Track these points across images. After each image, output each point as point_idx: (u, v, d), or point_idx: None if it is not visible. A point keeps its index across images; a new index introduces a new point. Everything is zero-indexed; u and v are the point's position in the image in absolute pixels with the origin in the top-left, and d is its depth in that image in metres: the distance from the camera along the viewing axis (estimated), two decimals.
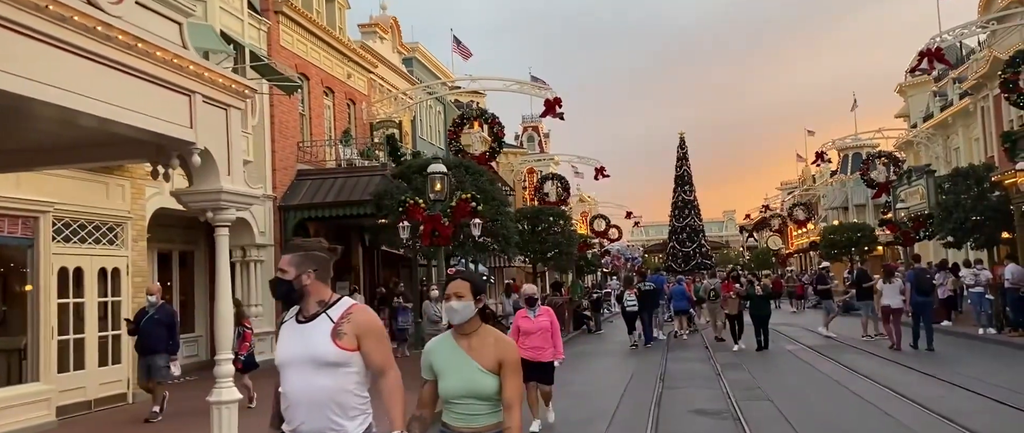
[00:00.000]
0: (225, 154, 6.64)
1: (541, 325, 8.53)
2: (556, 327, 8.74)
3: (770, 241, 55.37)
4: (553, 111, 21.97)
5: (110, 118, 5.31)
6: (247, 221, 16.73)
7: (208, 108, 6.40)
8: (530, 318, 8.59)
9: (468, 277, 3.46)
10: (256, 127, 17.27)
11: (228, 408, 6.60)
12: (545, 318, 8.60)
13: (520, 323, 8.59)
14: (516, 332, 8.43)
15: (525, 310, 8.69)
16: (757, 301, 16.80)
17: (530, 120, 54.05)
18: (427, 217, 12.89)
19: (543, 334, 8.52)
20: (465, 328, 3.40)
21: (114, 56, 5.24)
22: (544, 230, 24.24)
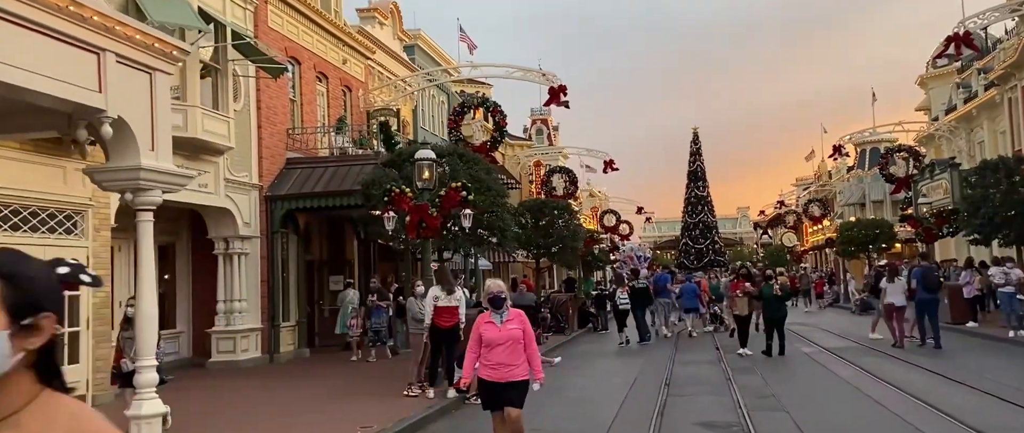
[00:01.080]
0: (148, 126, 5.70)
1: (510, 334, 6.40)
2: (530, 336, 6.59)
3: (785, 238, 54.07)
4: (557, 99, 20.96)
5: None
6: (230, 211, 15.84)
7: (124, 70, 5.46)
8: (496, 325, 6.46)
9: None
10: (241, 112, 16.36)
11: (149, 424, 5.64)
12: (515, 325, 6.49)
13: (482, 331, 6.51)
14: (476, 342, 6.50)
15: (488, 313, 6.56)
16: (772, 302, 15.07)
17: (539, 113, 53.02)
18: (413, 207, 11.91)
19: (513, 346, 6.41)
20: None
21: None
22: (548, 224, 23.20)
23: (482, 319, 6.61)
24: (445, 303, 10.85)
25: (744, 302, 15.63)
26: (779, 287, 15.30)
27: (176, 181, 6.31)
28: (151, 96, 5.83)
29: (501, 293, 6.60)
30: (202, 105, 14.09)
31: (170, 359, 16.19)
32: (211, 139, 14.20)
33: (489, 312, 6.62)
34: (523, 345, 6.50)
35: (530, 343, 6.58)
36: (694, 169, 64.41)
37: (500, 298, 6.59)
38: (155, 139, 5.82)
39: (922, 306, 15.87)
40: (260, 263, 16.78)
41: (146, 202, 5.93)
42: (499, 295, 6.59)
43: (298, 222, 18.30)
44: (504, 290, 6.70)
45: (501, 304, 6.58)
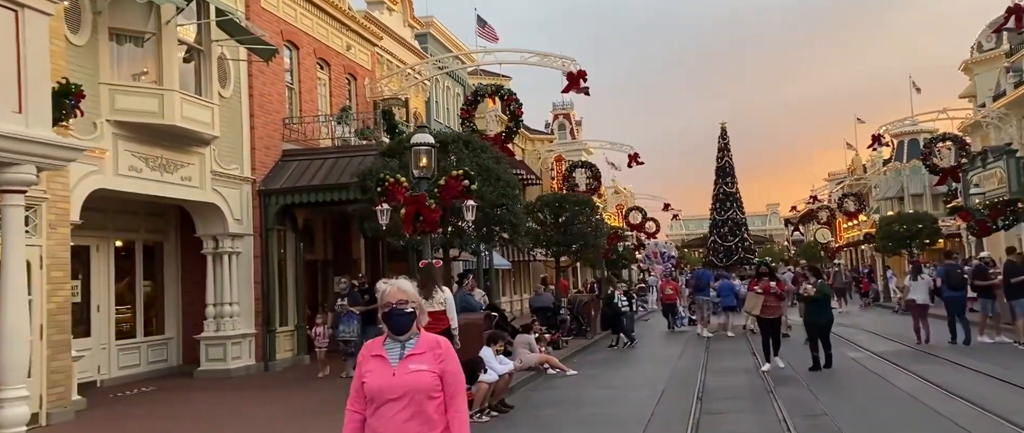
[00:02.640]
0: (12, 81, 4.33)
1: (413, 382, 3.37)
2: (454, 386, 3.47)
3: (818, 234, 51.93)
4: (577, 85, 19.43)
5: None
6: (219, 207, 14.58)
7: None
8: (388, 364, 3.42)
9: None
10: (231, 98, 15.10)
11: None
12: (426, 365, 3.41)
13: (366, 374, 3.44)
14: (357, 393, 3.47)
15: (381, 342, 3.50)
16: (813, 304, 12.85)
17: (561, 107, 51.46)
18: (409, 198, 10.53)
19: (416, 406, 3.33)
20: None
21: None
22: (568, 220, 21.71)
23: (368, 352, 3.51)
24: (425, 308, 9.43)
25: (757, 301, 12.92)
26: (812, 286, 13.01)
27: (56, 154, 5.01)
28: (17, 41, 4.48)
29: (403, 304, 3.42)
30: (182, 90, 12.82)
31: (158, 367, 15.05)
32: (192, 127, 12.94)
33: (384, 338, 3.49)
34: (438, 402, 3.40)
35: (454, 399, 3.44)
36: (722, 165, 62.64)
37: (402, 314, 3.42)
38: (24, 98, 4.48)
39: (948, 304, 16.06)
40: (253, 263, 15.51)
41: (12, 181, 4.58)
42: (399, 308, 3.41)
43: (296, 219, 17.02)
44: (410, 297, 3.47)
45: (402, 325, 3.43)
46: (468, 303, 12.88)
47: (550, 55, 20.64)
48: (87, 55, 11.68)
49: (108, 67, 11.99)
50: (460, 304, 12.74)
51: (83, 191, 11.34)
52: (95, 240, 13.65)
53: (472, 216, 10.81)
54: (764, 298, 12.72)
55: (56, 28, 10.27)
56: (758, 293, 12.89)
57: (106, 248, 13.90)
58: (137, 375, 14.31)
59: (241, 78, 15.49)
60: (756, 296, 12.93)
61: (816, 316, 12.90)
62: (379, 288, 3.53)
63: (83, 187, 11.34)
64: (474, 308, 12.90)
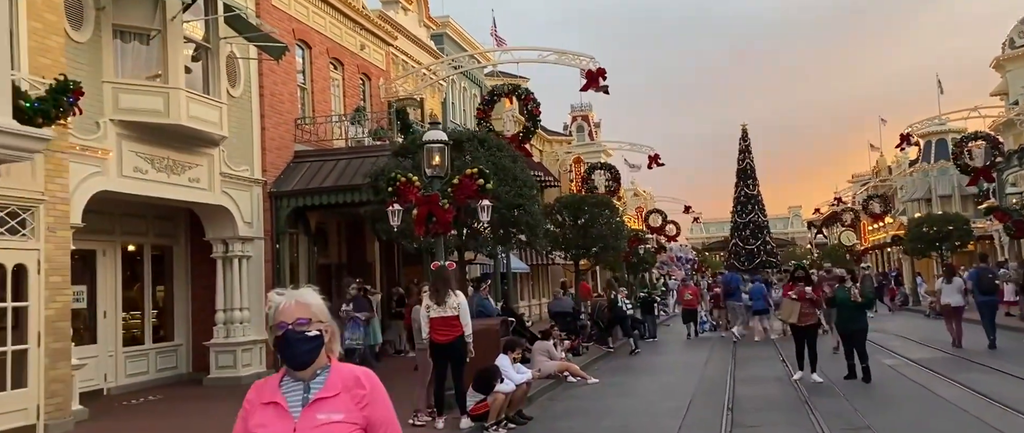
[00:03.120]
0: None
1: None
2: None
3: (843, 237, 50.85)
4: (595, 83, 18.86)
5: None
6: (228, 210, 14.16)
7: None
8: (285, 411, 2.37)
9: None
10: (240, 98, 14.70)
11: None
12: (340, 413, 2.36)
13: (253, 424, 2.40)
14: None
15: (276, 380, 2.45)
16: (849, 311, 11.81)
17: (579, 109, 50.93)
18: (422, 198, 10.02)
19: None
20: None
21: None
22: (587, 222, 21.11)
23: (258, 396, 2.46)
24: (438, 313, 8.93)
25: (793, 308, 11.83)
26: (857, 290, 12.10)
27: (16, 144, 4.48)
28: None
29: (304, 326, 2.41)
30: (189, 88, 12.42)
31: (167, 375, 14.66)
32: (199, 127, 12.52)
33: (281, 376, 2.46)
34: None
35: None
36: (743, 167, 61.43)
37: (301, 340, 2.39)
38: None
39: (980, 309, 16.16)
40: (264, 267, 15.08)
41: None
42: (297, 331, 2.40)
43: (309, 222, 16.60)
44: (315, 314, 2.46)
45: (302, 355, 2.39)
46: (484, 308, 12.36)
47: (568, 53, 20.08)
48: (90, 52, 11.30)
49: (112, 65, 11.61)
50: (475, 309, 12.24)
51: (85, 193, 10.95)
52: (101, 244, 13.27)
53: (487, 217, 10.27)
54: (800, 304, 11.72)
55: (55, 23, 9.91)
56: (793, 299, 11.85)
57: (113, 252, 13.52)
58: (145, 383, 13.92)
59: (251, 77, 15.09)
60: (792, 303, 11.87)
61: (850, 323, 11.92)
62: (272, 301, 2.49)
63: (85, 189, 10.95)
64: (490, 313, 12.37)
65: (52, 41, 9.78)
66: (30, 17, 9.47)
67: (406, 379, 11.82)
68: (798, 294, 11.85)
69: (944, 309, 16.74)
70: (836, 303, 12.32)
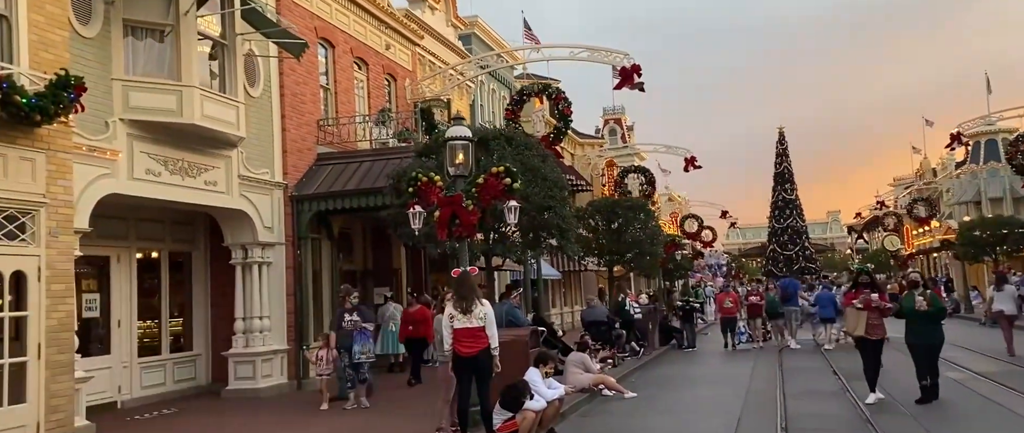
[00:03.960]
0: None
1: None
2: None
3: (887, 241, 49.06)
4: (630, 81, 18.02)
5: None
6: (247, 214, 13.60)
7: None
8: None
9: None
10: (260, 98, 14.15)
11: None
12: None
13: None
14: None
15: None
16: (922, 322, 10.15)
17: (611, 112, 49.95)
18: (444, 199, 9.29)
19: None
20: None
21: None
22: (621, 227, 20.25)
23: None
24: (462, 324, 8.18)
25: (859, 319, 10.29)
26: (927, 299, 10.24)
27: None
28: None
29: None
30: (204, 87, 11.87)
31: (184, 386, 14.12)
32: (215, 127, 11.96)
33: None
34: None
35: None
36: (781, 170, 60.02)
37: None
38: None
39: None
40: (286, 274, 14.49)
41: None
42: None
43: (332, 226, 15.99)
44: None
45: None
46: (515, 317, 11.59)
47: (601, 50, 19.26)
48: (98, 49, 10.80)
49: (122, 62, 11.09)
50: (505, 318, 11.48)
51: (93, 196, 10.43)
52: (115, 250, 12.79)
53: (515, 219, 9.50)
54: (867, 315, 10.18)
55: (59, 16, 9.39)
56: (858, 308, 10.25)
57: (127, 258, 13.02)
58: (162, 395, 13.39)
59: (271, 76, 14.53)
60: (857, 313, 10.29)
61: (923, 336, 10.21)
62: None
63: (93, 192, 10.42)
64: (520, 323, 11.59)
65: (55, 35, 9.26)
66: (31, 9, 8.96)
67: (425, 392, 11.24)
68: (864, 303, 10.23)
69: (997, 316, 16.49)
70: (903, 313, 10.45)
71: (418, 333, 14.16)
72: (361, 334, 11.26)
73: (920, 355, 10.32)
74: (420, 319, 14.11)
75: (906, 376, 11.04)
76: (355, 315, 11.39)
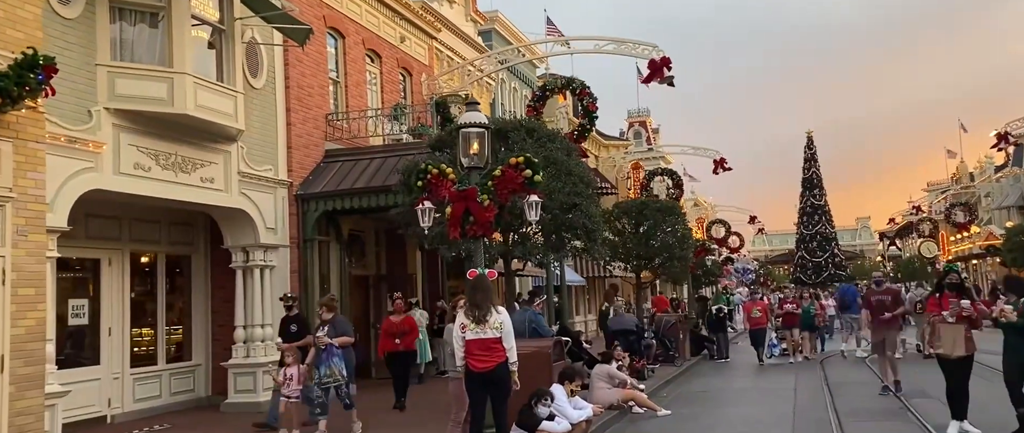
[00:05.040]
0: None
1: None
2: None
3: (924, 247, 47.21)
4: (660, 74, 16.83)
5: None
6: (248, 214, 12.63)
7: None
8: None
9: None
10: (263, 89, 13.21)
11: None
12: None
13: None
14: None
15: None
16: (1014, 336, 8.06)
17: (636, 115, 48.80)
18: (457, 193, 8.23)
19: None
20: None
21: None
22: (649, 230, 19.06)
23: None
24: (475, 334, 7.09)
25: (956, 335, 8.33)
26: (1012, 307, 8.01)
27: None
28: None
29: None
30: (200, 75, 10.93)
31: (182, 399, 13.17)
32: (210, 118, 11.02)
33: None
34: None
35: None
36: (809, 176, 58.26)
37: None
38: None
39: None
40: (290, 278, 13.52)
41: None
42: None
43: (341, 227, 15.00)
44: None
45: None
46: (539, 326, 10.48)
47: (628, 42, 18.12)
48: (81, 31, 9.90)
49: (107, 46, 10.18)
50: (528, 328, 10.39)
51: (73, 192, 9.51)
52: (106, 252, 11.88)
53: (536, 216, 8.40)
54: (958, 329, 8.19)
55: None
56: (949, 321, 8.20)
57: (120, 261, 12.11)
58: (157, 409, 12.45)
59: (276, 67, 13.59)
60: (953, 328, 8.22)
61: (1019, 352, 8.04)
62: None
63: (73, 187, 9.50)
64: (545, 334, 10.47)
65: (26, 11, 8.34)
66: None
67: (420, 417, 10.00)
68: (956, 314, 8.23)
69: None
70: (1000, 324, 8.29)
71: (405, 346, 12.09)
72: (327, 352, 9.38)
73: (1015, 375, 8.11)
74: (406, 329, 12.09)
75: (990, 400, 9.59)
76: (324, 329, 9.55)
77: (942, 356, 8.52)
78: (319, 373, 9.39)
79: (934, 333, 8.65)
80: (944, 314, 8.41)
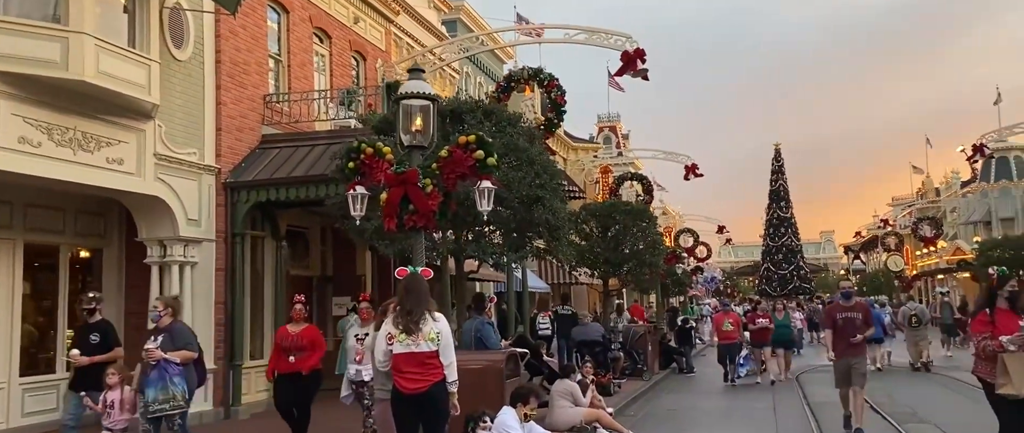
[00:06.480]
0: None
1: None
2: None
3: (890, 261, 46.91)
4: (634, 66, 15.66)
5: None
6: (165, 202, 11.07)
7: None
8: None
9: None
10: (189, 62, 11.67)
11: None
12: None
13: None
14: None
15: None
16: None
17: (606, 119, 47.85)
18: (394, 177, 6.85)
19: None
20: None
21: None
22: (619, 234, 17.84)
23: None
24: (405, 348, 5.73)
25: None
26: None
27: None
28: None
29: None
30: (104, 38, 9.39)
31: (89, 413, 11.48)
32: (116, 88, 9.49)
33: None
34: None
35: None
36: (776, 188, 58.10)
37: None
38: None
39: None
40: (215, 277, 11.97)
41: None
42: None
43: (277, 221, 13.48)
44: None
45: None
46: (485, 337, 9.11)
47: (600, 32, 16.91)
48: None
49: None
50: (473, 339, 9.01)
51: None
52: None
53: (488, 205, 7.03)
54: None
55: None
56: (1012, 350, 6.11)
57: (9, 254, 10.45)
58: (51, 424, 10.76)
59: (205, 38, 12.05)
60: (1019, 358, 6.11)
61: None
62: None
63: None
64: (490, 345, 9.09)
65: None
66: None
67: None
68: (1020, 343, 6.14)
69: None
70: None
71: (304, 365, 8.69)
72: (159, 371, 7.24)
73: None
74: (303, 345, 8.73)
75: None
76: (158, 338, 7.39)
77: (1010, 396, 6.20)
78: (146, 398, 7.15)
79: (988, 363, 6.41)
80: (1004, 340, 6.19)
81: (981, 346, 6.41)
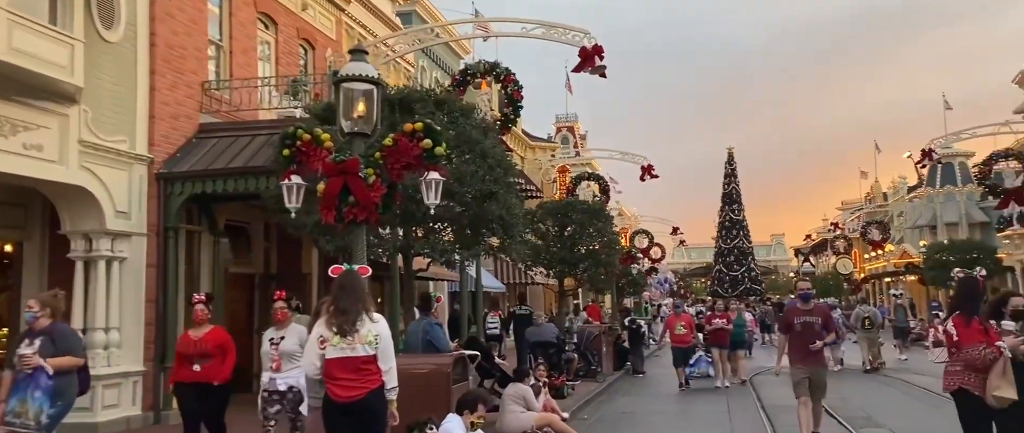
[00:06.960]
0: None
1: None
2: None
3: (840, 264, 47.66)
4: (592, 62, 15.28)
5: None
6: (91, 193, 10.31)
7: None
8: None
9: None
10: (121, 44, 10.91)
11: None
12: None
13: None
14: None
15: None
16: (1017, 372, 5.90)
17: (564, 119, 47.64)
18: (332, 166, 6.32)
19: None
20: None
21: None
22: (575, 233, 17.52)
23: None
24: (339, 352, 5.23)
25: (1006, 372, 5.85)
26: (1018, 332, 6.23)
27: None
28: None
29: None
30: (20, 12, 8.63)
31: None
32: (33, 67, 8.74)
33: None
34: None
35: None
36: (729, 191, 58.77)
37: None
38: None
39: None
40: (146, 274, 11.23)
41: None
42: None
43: (215, 215, 12.75)
44: None
45: None
46: (434, 339, 8.61)
47: (558, 26, 16.49)
48: None
49: None
50: (422, 341, 8.51)
51: None
52: None
53: (435, 198, 6.55)
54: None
55: None
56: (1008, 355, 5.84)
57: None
58: None
59: (138, 19, 11.30)
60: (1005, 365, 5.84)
61: None
62: None
63: None
64: (440, 347, 8.60)
65: None
66: None
67: None
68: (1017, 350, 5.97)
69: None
70: None
71: (213, 375, 7.47)
72: (35, 376, 6.12)
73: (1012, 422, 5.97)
74: (207, 351, 7.50)
75: None
76: (33, 343, 6.26)
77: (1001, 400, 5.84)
78: (7, 406, 6.09)
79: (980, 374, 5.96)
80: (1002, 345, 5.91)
81: (981, 356, 5.84)
